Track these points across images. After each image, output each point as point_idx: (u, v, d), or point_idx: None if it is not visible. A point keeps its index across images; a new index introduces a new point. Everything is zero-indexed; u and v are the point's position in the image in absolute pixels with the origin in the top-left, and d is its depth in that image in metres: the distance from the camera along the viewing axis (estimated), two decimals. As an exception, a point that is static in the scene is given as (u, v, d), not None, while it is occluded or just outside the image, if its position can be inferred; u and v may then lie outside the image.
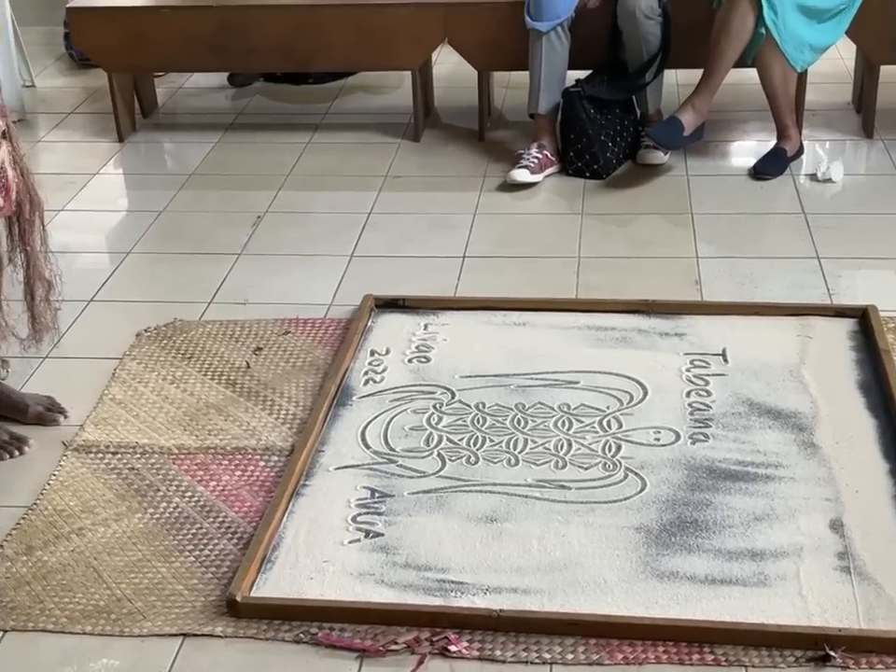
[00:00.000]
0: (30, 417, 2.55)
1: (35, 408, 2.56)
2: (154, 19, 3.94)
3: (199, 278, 3.16)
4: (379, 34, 3.84)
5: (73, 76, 4.70)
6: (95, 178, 3.84)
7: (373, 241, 3.34)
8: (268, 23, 3.90)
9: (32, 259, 2.43)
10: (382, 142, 4.01)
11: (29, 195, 2.39)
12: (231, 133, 4.15)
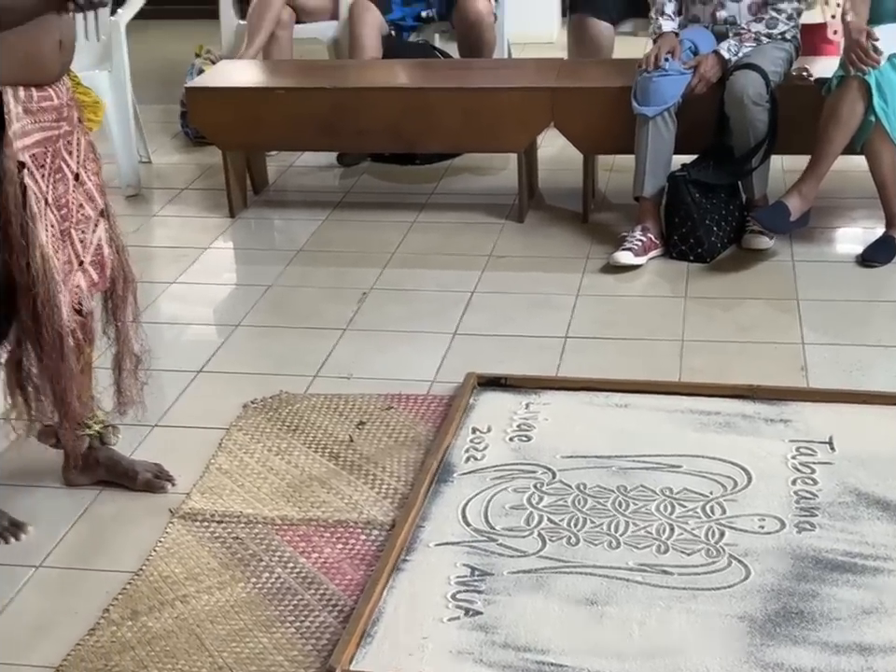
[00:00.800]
0: (139, 484, 2.61)
1: (144, 475, 2.62)
2: (269, 99, 4.07)
3: (305, 352, 3.22)
4: (486, 117, 3.91)
5: (187, 153, 4.86)
6: (207, 252, 3.95)
7: (476, 319, 3.38)
8: (379, 105, 4.00)
9: (122, 333, 2.48)
10: (486, 222, 4.07)
11: (123, 272, 2.46)
12: (338, 210, 4.24)
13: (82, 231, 2.32)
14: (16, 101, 2.13)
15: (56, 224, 2.23)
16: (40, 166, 2.19)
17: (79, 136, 2.30)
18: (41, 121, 2.18)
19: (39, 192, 2.18)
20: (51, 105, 2.20)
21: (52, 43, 2.15)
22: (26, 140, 2.15)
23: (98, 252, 2.37)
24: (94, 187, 2.34)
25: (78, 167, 2.29)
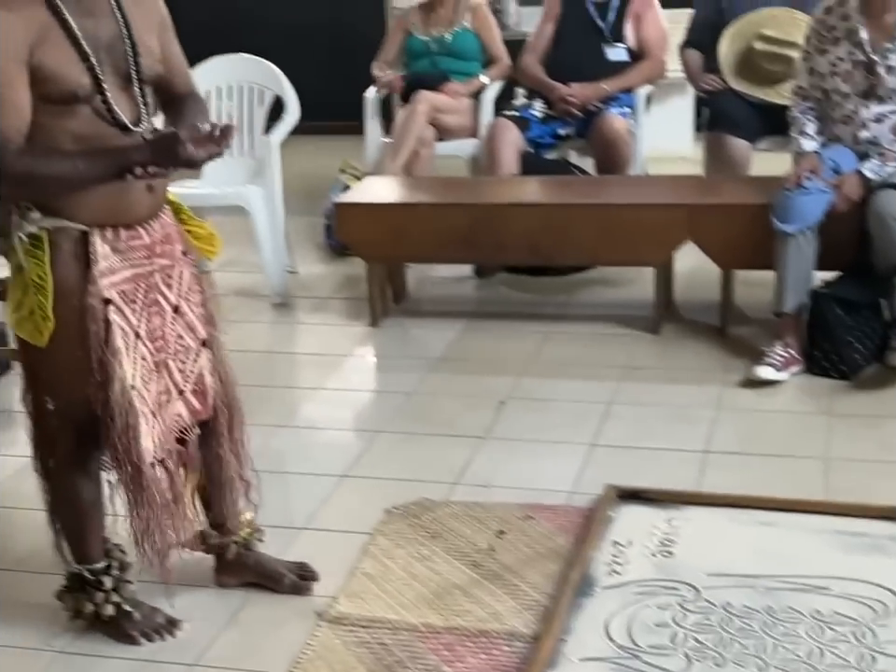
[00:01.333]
0: (285, 587, 2.66)
1: (290, 577, 2.67)
2: (413, 214, 4.22)
3: (445, 459, 3.28)
4: (624, 231, 3.98)
5: (331, 263, 5.03)
6: (349, 359, 4.07)
7: (614, 430, 3.40)
8: (518, 221, 4.10)
9: (222, 459, 2.50)
10: (621, 333, 4.11)
11: (227, 401, 2.48)
12: (475, 320, 4.34)
13: (181, 360, 2.36)
14: (102, 240, 2.20)
15: (149, 356, 2.28)
16: (131, 301, 2.25)
17: (182, 269, 2.35)
18: (131, 259, 2.24)
19: (129, 327, 2.24)
20: (141, 243, 2.26)
21: (139, 187, 2.20)
22: (113, 277, 2.21)
23: (200, 381, 2.40)
24: (197, 317, 2.39)
25: (179, 299, 2.34)
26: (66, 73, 2.07)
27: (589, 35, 4.99)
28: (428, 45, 5.31)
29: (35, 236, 2.16)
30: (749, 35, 4.60)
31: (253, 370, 3.97)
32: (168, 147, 2.09)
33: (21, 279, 2.19)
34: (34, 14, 2.05)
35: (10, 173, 2.05)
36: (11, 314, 2.23)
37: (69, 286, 2.17)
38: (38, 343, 2.20)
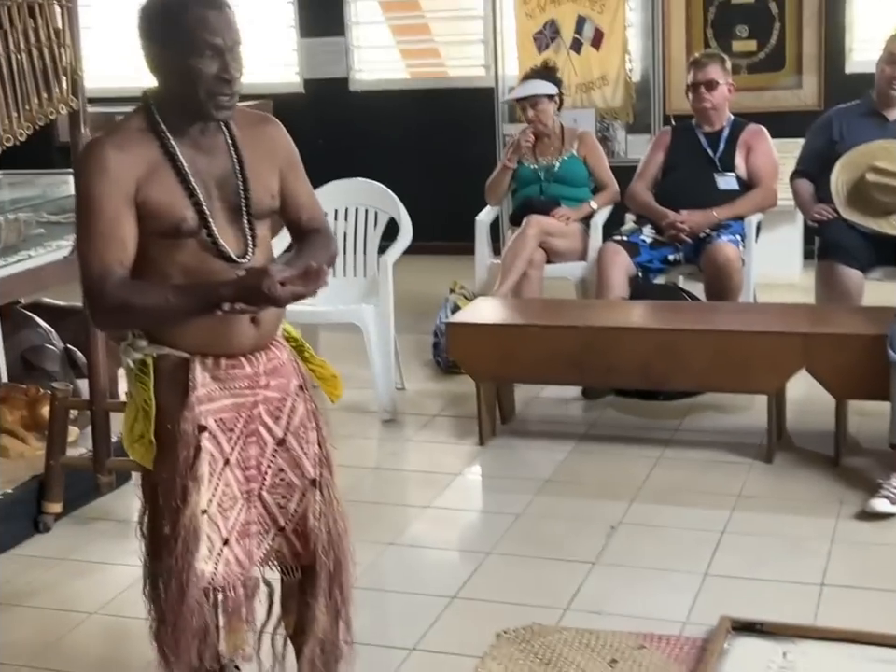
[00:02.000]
0: None
1: None
2: (523, 335, 4.27)
3: (555, 583, 3.27)
4: (737, 358, 3.98)
5: (439, 381, 5.10)
6: (458, 478, 4.10)
7: (727, 560, 3.36)
8: (628, 344, 4.14)
9: (312, 612, 2.37)
10: (733, 461, 4.08)
11: (333, 551, 2.37)
12: (584, 442, 4.35)
13: (281, 496, 2.32)
14: (202, 368, 2.22)
15: (235, 483, 2.26)
16: (228, 429, 2.25)
17: (295, 404, 2.32)
18: (231, 388, 2.25)
19: (219, 454, 2.23)
20: (243, 373, 2.26)
21: (243, 319, 2.22)
22: (212, 405, 2.23)
23: (302, 523, 2.34)
24: (308, 456, 2.33)
25: (287, 433, 2.31)
26: (171, 208, 2.14)
27: (700, 164, 5.07)
28: (537, 172, 5.44)
29: (143, 362, 2.23)
30: (862, 165, 4.64)
31: (361, 486, 4.03)
32: (255, 284, 2.10)
33: (132, 403, 2.27)
34: (145, 152, 2.14)
35: (110, 303, 2.12)
36: (125, 436, 2.30)
37: (169, 411, 2.21)
38: (146, 465, 2.26)
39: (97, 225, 2.11)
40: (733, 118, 5.16)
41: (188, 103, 2.15)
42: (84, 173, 2.14)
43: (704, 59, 5.11)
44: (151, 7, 2.15)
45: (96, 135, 2.21)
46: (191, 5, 2.11)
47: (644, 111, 6.63)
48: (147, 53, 2.15)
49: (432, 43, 7.97)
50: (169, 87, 2.16)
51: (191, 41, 2.10)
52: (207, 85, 2.12)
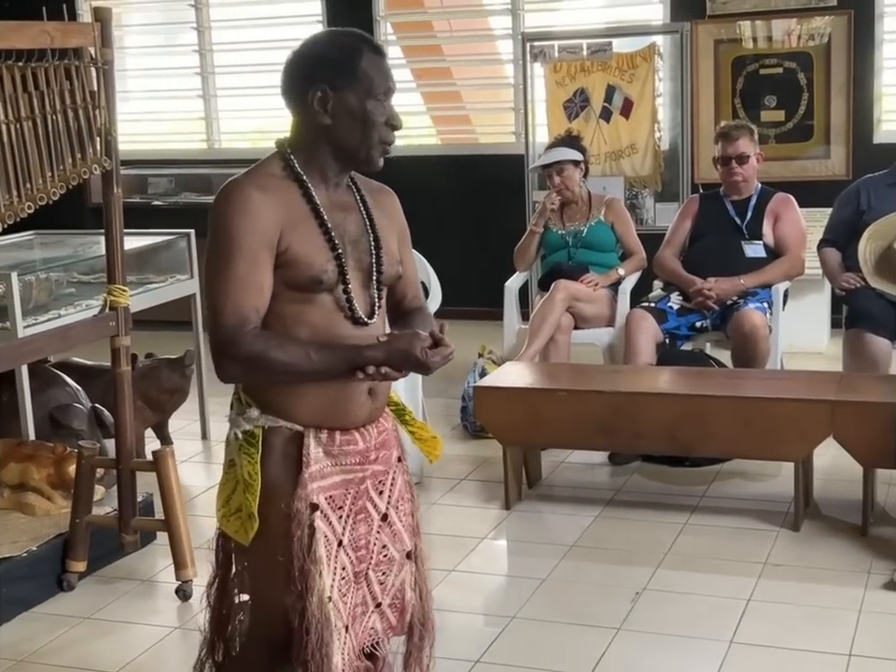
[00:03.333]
0: None
1: None
2: (551, 400, 4.28)
3: (580, 649, 3.25)
4: (764, 425, 3.97)
5: (465, 444, 5.10)
6: (483, 542, 4.09)
7: (754, 629, 3.33)
8: (655, 409, 4.14)
9: None
10: (760, 528, 4.05)
11: (423, 618, 2.32)
12: (610, 508, 4.32)
13: (382, 572, 2.24)
14: (317, 443, 2.11)
15: (350, 566, 2.16)
16: (338, 507, 2.13)
17: (395, 476, 2.25)
18: (343, 464, 2.14)
19: (332, 534, 2.12)
20: (356, 448, 2.16)
21: (360, 391, 2.13)
22: (323, 482, 2.12)
23: (398, 595, 2.27)
24: (405, 528, 2.26)
25: (388, 507, 2.23)
26: (313, 259, 2.04)
27: (727, 232, 5.10)
28: (565, 237, 5.48)
29: (251, 433, 2.10)
30: (889, 234, 4.65)
31: (388, 548, 4.03)
32: (406, 349, 2.02)
33: (232, 474, 2.14)
34: (289, 198, 2.05)
35: (244, 353, 2.01)
36: (220, 508, 2.16)
37: (278, 486, 2.09)
38: (242, 541, 2.11)
39: (236, 267, 2.00)
40: (760, 186, 5.19)
41: (356, 148, 2.09)
42: (224, 212, 2.02)
43: (733, 132, 5.13)
44: (321, 49, 2.07)
45: (235, 177, 2.09)
46: (365, 49, 2.07)
47: (672, 179, 6.67)
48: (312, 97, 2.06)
49: (463, 111, 8.08)
50: (336, 132, 2.07)
51: (367, 84, 2.06)
52: (379, 130, 2.08)
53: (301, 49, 2.11)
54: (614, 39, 6.68)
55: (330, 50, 2.07)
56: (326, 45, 2.09)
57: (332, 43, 2.09)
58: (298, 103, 2.10)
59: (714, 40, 6.70)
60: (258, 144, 8.40)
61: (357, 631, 2.20)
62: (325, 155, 2.11)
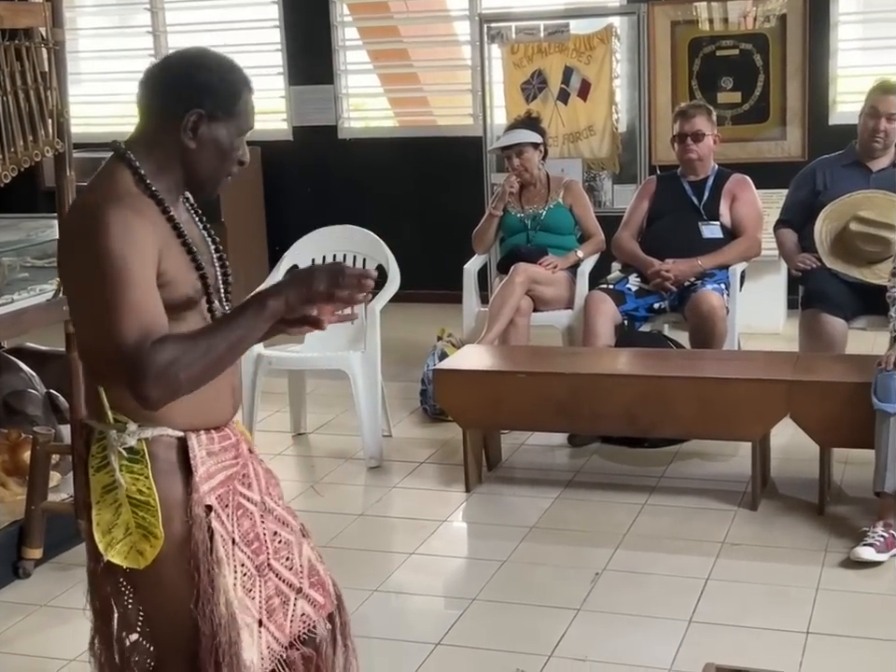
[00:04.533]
0: None
1: None
2: (510, 382, 4.29)
3: (540, 630, 3.26)
4: (722, 406, 4.00)
5: (425, 427, 5.09)
6: (444, 525, 4.09)
7: (712, 608, 3.35)
8: (614, 391, 4.15)
9: (349, 652, 2.34)
10: (718, 508, 4.08)
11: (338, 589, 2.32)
12: (569, 489, 4.34)
13: (286, 558, 2.21)
14: (199, 444, 2.09)
15: (248, 561, 2.13)
16: (225, 506, 2.12)
17: (255, 466, 2.24)
18: (223, 461, 2.14)
19: (226, 533, 2.10)
20: (230, 443, 2.17)
21: (229, 388, 2.15)
22: (212, 482, 2.10)
23: (313, 573, 2.26)
24: (285, 510, 2.26)
25: (262, 495, 2.22)
26: (186, 277, 2.03)
27: (684, 212, 5.11)
28: (524, 220, 5.47)
29: (133, 450, 2.04)
30: (845, 215, 4.68)
31: (347, 533, 4.02)
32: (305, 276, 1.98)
33: (111, 499, 2.05)
34: (157, 220, 2.01)
35: (155, 367, 1.90)
36: (101, 538, 2.05)
37: (171, 496, 2.04)
38: (136, 565, 2.04)
39: (130, 295, 1.91)
40: (717, 167, 5.20)
41: (209, 177, 2.09)
42: (104, 240, 1.92)
43: (690, 110, 5.16)
44: (212, 79, 2.05)
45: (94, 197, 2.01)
46: (246, 88, 2.09)
47: (630, 161, 6.69)
48: (187, 119, 2.03)
49: (421, 92, 8.05)
50: (196, 157, 2.06)
51: (241, 121, 2.08)
52: (231, 165, 2.10)
53: (183, 65, 2.09)
54: (571, 21, 6.69)
55: (218, 81, 2.06)
56: (214, 72, 2.07)
57: (220, 74, 2.08)
58: (166, 117, 2.06)
59: (671, 21, 6.71)
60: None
61: (281, 622, 2.18)
62: (177, 174, 2.08)
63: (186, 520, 2.04)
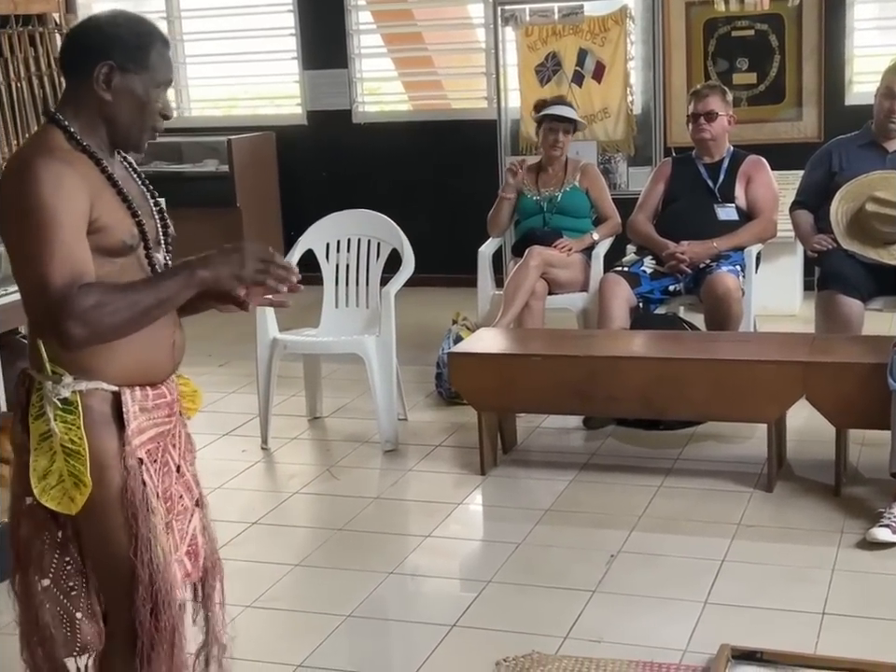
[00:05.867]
0: None
1: None
2: (525, 365, 4.29)
3: (555, 612, 3.27)
4: (737, 388, 3.99)
5: (441, 411, 5.09)
6: (459, 508, 4.09)
7: (728, 589, 3.35)
8: (629, 373, 4.15)
9: (212, 622, 2.43)
10: (733, 490, 4.07)
11: (213, 559, 2.42)
12: (585, 472, 4.34)
13: (180, 521, 2.32)
14: (133, 400, 2.16)
15: (163, 517, 2.23)
16: (153, 461, 2.22)
17: (181, 429, 2.33)
18: (155, 418, 2.22)
19: (153, 487, 2.19)
20: (164, 401, 2.24)
21: (168, 346, 2.22)
22: (142, 437, 2.18)
23: (193, 542, 2.36)
24: (192, 477, 2.36)
25: (180, 458, 2.31)
26: (122, 224, 2.11)
27: (700, 194, 5.09)
28: (539, 203, 5.47)
29: (67, 401, 2.11)
30: (861, 196, 4.66)
31: (362, 516, 4.03)
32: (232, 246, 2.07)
33: (46, 447, 2.13)
34: (89, 171, 2.10)
35: (81, 307, 1.99)
36: (37, 483, 2.13)
37: (104, 447, 2.13)
38: (68, 510, 2.13)
39: (59, 240, 2.00)
40: (732, 149, 5.18)
41: (128, 129, 2.16)
42: (34, 189, 2.01)
43: (704, 90, 5.15)
44: (120, 31, 2.12)
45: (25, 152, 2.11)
46: (158, 39, 2.15)
47: (645, 143, 6.66)
48: (98, 71, 2.10)
49: (435, 76, 8.03)
50: (114, 110, 2.13)
51: (154, 72, 2.13)
52: (153, 117, 2.17)
53: (92, 21, 2.16)
54: (585, 2, 6.65)
55: (127, 33, 2.13)
56: (122, 26, 2.14)
57: (129, 26, 2.14)
58: (81, 73, 2.13)
59: (686, 2, 6.68)
60: (230, 112, 8.34)
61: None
62: (100, 128, 2.15)
63: (121, 470, 2.14)
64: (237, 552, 3.67)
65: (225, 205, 7.28)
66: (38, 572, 2.24)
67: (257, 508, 4.14)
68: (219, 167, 7.45)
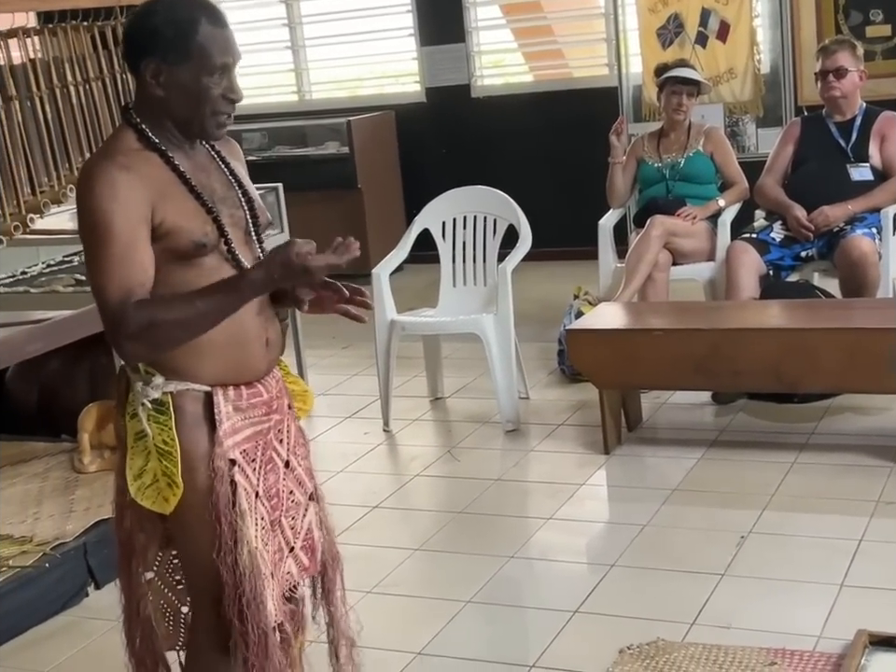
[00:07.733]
0: None
1: None
2: (647, 340, 4.15)
3: (681, 596, 3.16)
4: (872, 357, 3.79)
5: (563, 389, 4.99)
6: (582, 488, 4.00)
7: (866, 571, 3.19)
8: (757, 346, 3.98)
9: (335, 617, 2.39)
10: (872, 465, 3.88)
11: (332, 553, 2.39)
12: (714, 449, 4.19)
13: (292, 517, 2.29)
14: (225, 400, 2.15)
15: (266, 515, 2.21)
16: (251, 460, 2.19)
17: (289, 423, 2.30)
18: (251, 417, 2.19)
19: (250, 486, 2.17)
20: (261, 400, 2.21)
21: (260, 344, 2.19)
22: (237, 437, 2.16)
23: (308, 536, 2.33)
24: (304, 471, 2.33)
25: (289, 454, 2.28)
26: (191, 224, 2.06)
27: (832, 155, 4.87)
28: (661, 170, 5.30)
29: (159, 401, 2.12)
30: None
31: (484, 497, 3.98)
32: (283, 257, 1.98)
33: (141, 446, 2.13)
34: (152, 170, 2.06)
35: (134, 326, 1.99)
36: (132, 482, 2.15)
37: (195, 448, 2.12)
38: (163, 510, 2.14)
39: (112, 250, 2.00)
40: (865, 106, 4.93)
41: (189, 121, 2.10)
42: (91, 197, 2.01)
43: (832, 45, 4.92)
44: (157, 22, 2.06)
45: (93, 157, 2.12)
46: (203, 22, 2.06)
47: (775, 104, 6.41)
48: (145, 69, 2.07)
49: (556, 44, 7.88)
50: (169, 104, 2.09)
51: (203, 59, 2.06)
52: (214, 104, 2.09)
53: (136, 18, 2.11)
54: (707, -40, 6.42)
55: (165, 25, 2.05)
56: (159, 15, 2.06)
57: (165, 15, 2.06)
58: (136, 74, 2.11)
59: (815, -47, 6.39)
60: (356, 92, 8.31)
61: (279, 577, 2.25)
62: (166, 122, 2.11)
63: (209, 472, 2.12)
64: (357, 536, 3.66)
65: (347, 187, 7.29)
66: (142, 565, 2.25)
67: (377, 491, 4.11)
68: (340, 149, 7.46)
